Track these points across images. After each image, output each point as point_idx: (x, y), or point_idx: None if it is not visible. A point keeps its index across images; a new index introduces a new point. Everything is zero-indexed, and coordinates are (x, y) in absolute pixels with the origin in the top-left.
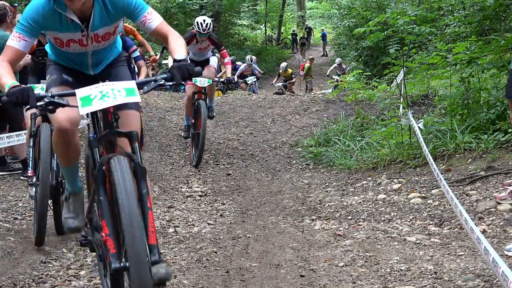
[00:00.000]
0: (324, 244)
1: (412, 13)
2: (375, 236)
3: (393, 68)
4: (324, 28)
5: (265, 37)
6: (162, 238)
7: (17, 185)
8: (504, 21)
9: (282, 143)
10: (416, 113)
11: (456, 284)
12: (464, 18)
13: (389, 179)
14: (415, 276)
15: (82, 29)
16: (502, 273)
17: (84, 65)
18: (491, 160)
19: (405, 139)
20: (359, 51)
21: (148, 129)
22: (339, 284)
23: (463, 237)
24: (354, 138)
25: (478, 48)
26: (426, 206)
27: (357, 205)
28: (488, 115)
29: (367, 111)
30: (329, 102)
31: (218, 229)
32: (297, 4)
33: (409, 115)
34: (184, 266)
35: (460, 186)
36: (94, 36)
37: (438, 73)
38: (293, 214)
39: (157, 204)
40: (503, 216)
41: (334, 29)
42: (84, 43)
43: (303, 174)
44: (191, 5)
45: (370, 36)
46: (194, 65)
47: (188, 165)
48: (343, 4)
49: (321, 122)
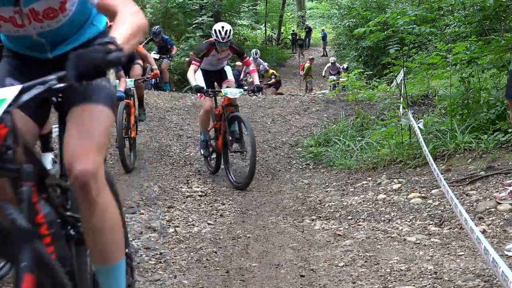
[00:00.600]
0: (324, 244)
1: (412, 13)
2: (375, 236)
3: (393, 68)
4: (324, 28)
5: (265, 37)
6: (162, 238)
7: None
8: (504, 21)
9: (282, 143)
10: (416, 113)
11: (456, 284)
12: (464, 18)
13: (389, 179)
14: (415, 276)
15: (12, 2)
16: (502, 273)
17: (37, 47)
18: (491, 160)
19: (405, 139)
20: (359, 51)
21: (148, 129)
22: (339, 284)
23: (463, 237)
24: (354, 138)
25: (478, 48)
26: (426, 206)
27: (357, 205)
28: (488, 115)
29: (367, 111)
30: (329, 102)
31: (218, 229)
32: (297, 4)
33: (409, 115)
34: (184, 266)
35: (460, 186)
36: (30, 12)
37: (438, 73)
38: (293, 214)
39: (157, 204)
40: (503, 216)
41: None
42: (18, 22)
43: (303, 174)
44: (191, 5)
45: (370, 36)
46: (111, 49)
47: (188, 165)
48: (343, 4)
49: (321, 122)
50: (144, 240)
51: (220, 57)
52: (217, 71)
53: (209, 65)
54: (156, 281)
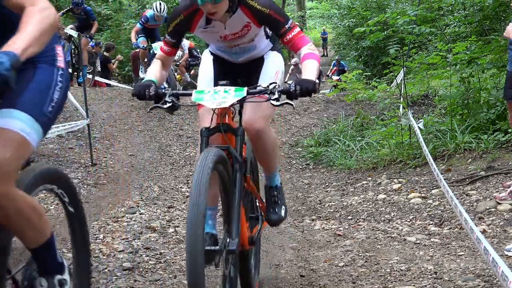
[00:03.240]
0: (324, 244)
1: (412, 13)
2: (375, 236)
3: (393, 68)
4: (325, 28)
5: None
6: (162, 238)
7: None
8: (504, 21)
9: (282, 143)
10: (416, 113)
11: (456, 284)
12: (464, 18)
13: (389, 179)
14: (415, 276)
15: None
16: (502, 273)
17: None
18: (491, 160)
19: (405, 139)
20: (359, 51)
21: (148, 129)
22: (339, 284)
23: (463, 237)
24: (354, 138)
25: (478, 48)
26: (426, 206)
27: (357, 205)
28: (488, 115)
29: (367, 111)
30: (329, 102)
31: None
32: (297, 4)
33: (409, 115)
34: (184, 266)
35: (460, 186)
36: None
37: (438, 73)
38: (293, 214)
39: (157, 204)
40: (503, 216)
41: (334, 29)
42: None
43: (303, 174)
44: None
45: (370, 36)
46: None
47: (188, 165)
48: (343, 4)
49: (321, 122)
50: (144, 240)
51: (227, 34)
52: (240, 64)
53: (223, 52)
54: (156, 281)
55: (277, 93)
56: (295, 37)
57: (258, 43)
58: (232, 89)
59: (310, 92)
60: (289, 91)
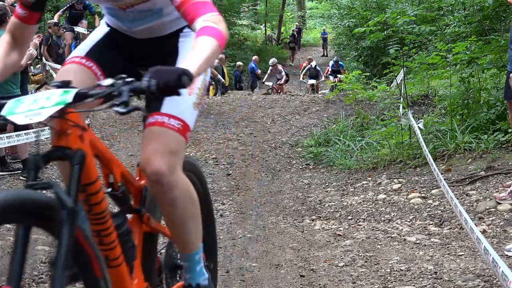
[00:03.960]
0: (324, 244)
1: (412, 13)
2: (375, 236)
3: (393, 68)
4: (325, 28)
5: (265, 37)
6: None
7: (17, 185)
8: (504, 21)
9: (282, 143)
10: (416, 113)
11: (456, 284)
12: (464, 18)
13: (389, 179)
14: (415, 276)
15: None
16: (502, 273)
17: None
18: (491, 160)
19: (405, 139)
20: (359, 51)
21: None
22: (339, 284)
23: (463, 237)
24: (354, 138)
25: (478, 48)
26: (426, 206)
27: (357, 205)
28: (488, 115)
29: (367, 111)
30: (329, 102)
31: (218, 229)
32: (297, 4)
33: (409, 115)
34: None
35: (460, 186)
36: None
37: (438, 73)
38: (293, 214)
39: None
40: (503, 216)
41: (334, 29)
42: None
43: (303, 174)
44: None
45: (370, 36)
46: None
47: None
48: (343, 4)
49: (321, 122)
50: None
51: None
52: (141, 42)
53: (116, 18)
54: None
55: (125, 94)
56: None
57: (163, 7)
58: (57, 93)
59: (171, 89)
60: (141, 88)
